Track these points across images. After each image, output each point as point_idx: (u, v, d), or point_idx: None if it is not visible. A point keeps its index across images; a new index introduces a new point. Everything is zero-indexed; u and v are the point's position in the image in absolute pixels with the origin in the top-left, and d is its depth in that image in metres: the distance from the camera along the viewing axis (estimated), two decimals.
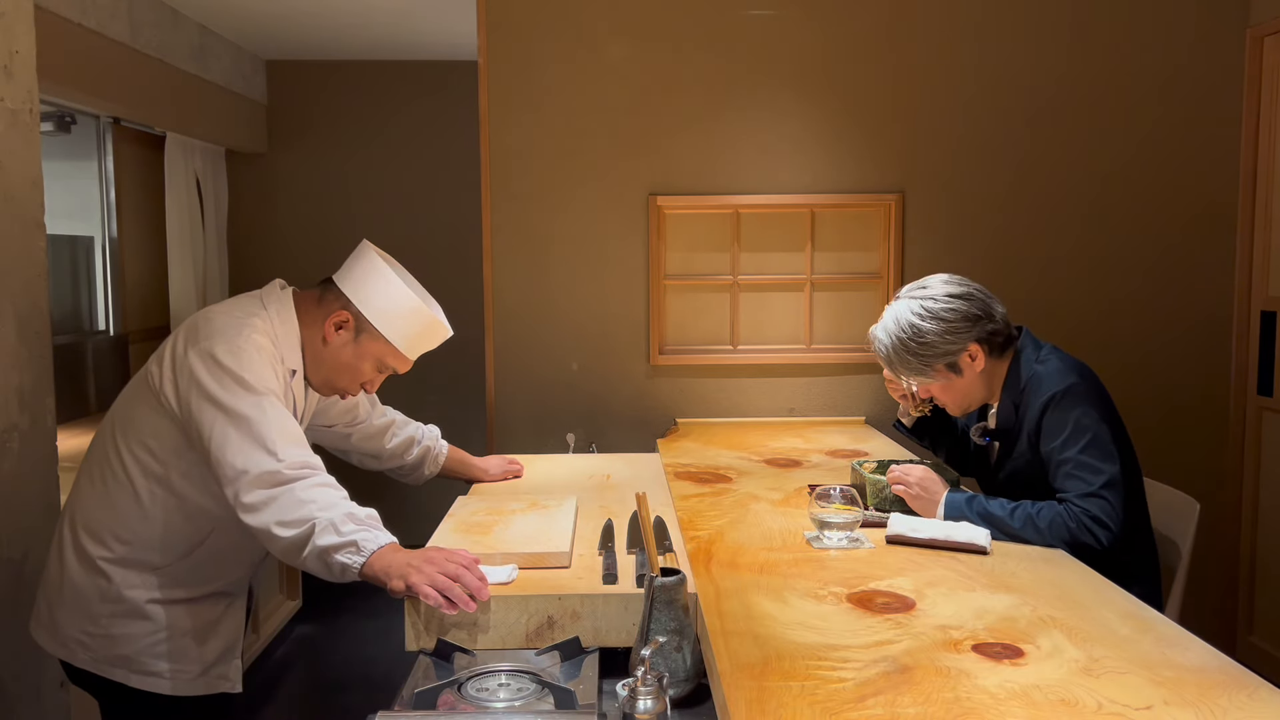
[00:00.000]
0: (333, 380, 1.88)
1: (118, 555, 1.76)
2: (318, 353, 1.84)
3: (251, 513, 1.61)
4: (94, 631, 1.76)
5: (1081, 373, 2.03)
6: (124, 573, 1.76)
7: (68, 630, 1.77)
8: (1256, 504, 3.34)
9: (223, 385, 1.66)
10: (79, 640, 1.77)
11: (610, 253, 3.38)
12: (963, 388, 2.11)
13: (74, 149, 3.90)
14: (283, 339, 1.80)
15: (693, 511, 2.13)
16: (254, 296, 1.86)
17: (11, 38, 2.13)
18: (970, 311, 2.05)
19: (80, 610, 1.76)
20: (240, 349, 1.69)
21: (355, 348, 1.83)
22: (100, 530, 1.76)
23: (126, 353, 4.06)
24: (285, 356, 1.80)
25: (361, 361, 1.85)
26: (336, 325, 1.82)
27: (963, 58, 3.33)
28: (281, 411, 1.69)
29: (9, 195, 2.14)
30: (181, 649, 1.80)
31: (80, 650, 1.77)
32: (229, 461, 1.63)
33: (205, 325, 1.75)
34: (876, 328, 2.16)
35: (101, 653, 1.76)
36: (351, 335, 1.83)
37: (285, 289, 1.88)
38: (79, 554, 1.77)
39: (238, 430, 1.64)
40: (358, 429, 2.16)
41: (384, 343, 1.83)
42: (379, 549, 1.57)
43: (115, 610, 1.76)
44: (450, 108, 4.92)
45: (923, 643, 1.43)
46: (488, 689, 1.45)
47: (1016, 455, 2.10)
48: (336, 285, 1.85)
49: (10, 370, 2.15)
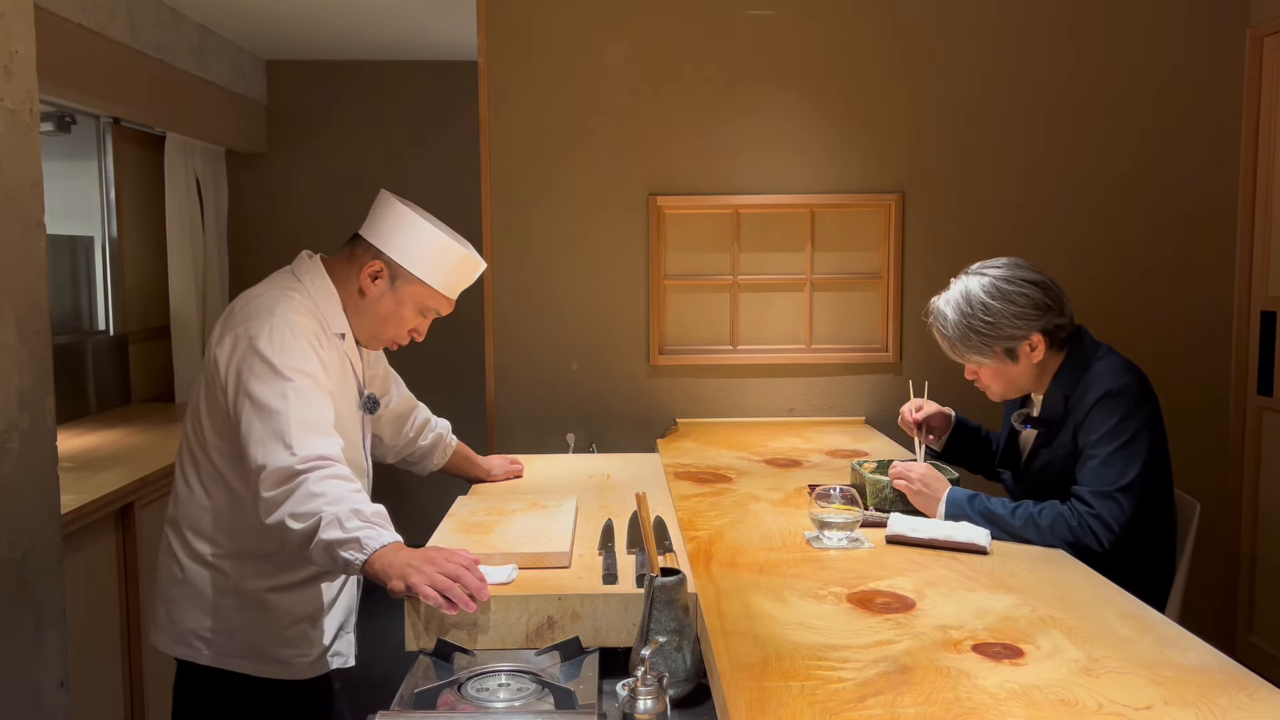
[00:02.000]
0: (378, 331, 1.90)
1: (228, 550, 1.80)
2: (358, 307, 1.87)
3: (270, 510, 1.63)
4: (216, 627, 1.80)
5: (1137, 374, 2.02)
6: (238, 565, 1.80)
7: (189, 628, 1.81)
8: (1256, 504, 3.33)
9: (253, 371, 1.69)
10: (202, 637, 1.80)
11: (610, 253, 3.37)
12: (1013, 376, 2.09)
13: (74, 149, 3.90)
14: (323, 305, 1.84)
15: (693, 511, 2.13)
16: (286, 272, 1.89)
17: (11, 38, 2.12)
18: (1042, 300, 2.03)
19: (200, 607, 1.80)
20: (274, 329, 1.72)
21: (393, 295, 1.86)
22: (207, 529, 1.80)
23: (126, 353, 4.05)
24: (329, 322, 1.83)
25: (402, 308, 1.87)
26: (372, 276, 1.85)
27: (963, 58, 3.33)
28: (307, 396, 1.70)
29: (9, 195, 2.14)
30: (302, 633, 1.84)
31: (204, 647, 1.80)
32: (252, 455, 1.66)
33: (242, 310, 1.79)
34: (940, 300, 2.11)
35: (226, 647, 1.80)
36: (388, 283, 1.85)
37: (314, 256, 1.91)
38: (191, 554, 1.81)
39: (261, 422, 1.66)
40: (388, 408, 2.17)
41: (420, 285, 1.85)
42: (381, 548, 1.57)
43: (235, 603, 1.80)
44: (450, 108, 4.91)
45: (923, 643, 1.43)
46: (488, 689, 1.45)
47: (1057, 446, 2.07)
48: (364, 239, 1.87)
49: (10, 370, 2.15)
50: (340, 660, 1.93)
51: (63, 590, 2.07)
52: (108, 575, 2.73)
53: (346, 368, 1.89)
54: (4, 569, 2.14)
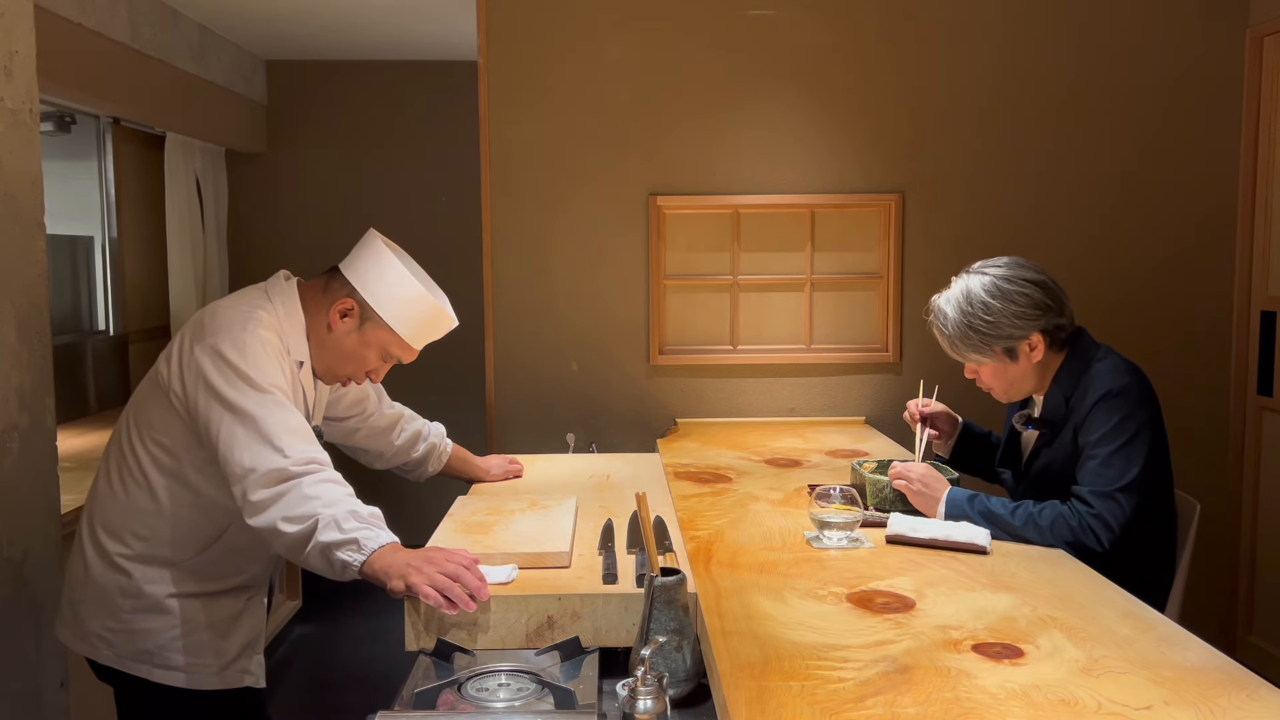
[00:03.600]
0: (336, 368, 1.88)
1: (136, 552, 1.78)
2: (322, 339, 1.84)
3: (258, 511, 1.62)
4: (116, 627, 1.78)
5: (1137, 375, 2.02)
6: (144, 569, 1.78)
7: (91, 627, 1.80)
8: (1256, 504, 3.33)
9: (229, 382, 1.67)
10: (102, 637, 1.79)
11: (610, 253, 3.38)
12: (1014, 375, 2.09)
13: (74, 149, 3.90)
14: (288, 330, 1.81)
15: (693, 511, 2.13)
16: (259, 289, 1.86)
17: (11, 38, 2.12)
18: (1043, 300, 2.03)
19: (103, 607, 1.78)
20: (245, 344, 1.70)
21: (360, 335, 1.84)
22: (119, 528, 1.78)
23: (126, 353, 4.06)
24: (291, 348, 1.81)
25: (366, 350, 1.85)
26: (341, 313, 1.82)
27: (963, 58, 3.33)
28: (287, 407, 1.69)
29: (9, 195, 2.14)
30: (202, 643, 1.81)
31: (104, 646, 1.79)
32: (236, 459, 1.64)
33: (211, 321, 1.76)
34: (940, 299, 2.11)
35: (124, 648, 1.78)
36: (356, 323, 1.83)
37: (290, 279, 1.88)
38: (99, 552, 1.79)
39: (244, 428, 1.64)
40: (367, 423, 2.16)
41: (388, 331, 1.83)
42: (380, 548, 1.57)
43: (136, 606, 1.78)
44: (450, 108, 4.91)
45: (923, 643, 1.43)
46: (488, 689, 1.45)
47: (1058, 446, 2.07)
48: (342, 273, 1.85)
49: (10, 370, 2.15)
50: (251, 679, 1.88)
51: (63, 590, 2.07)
52: None
53: (299, 396, 1.84)
54: (4, 569, 2.14)
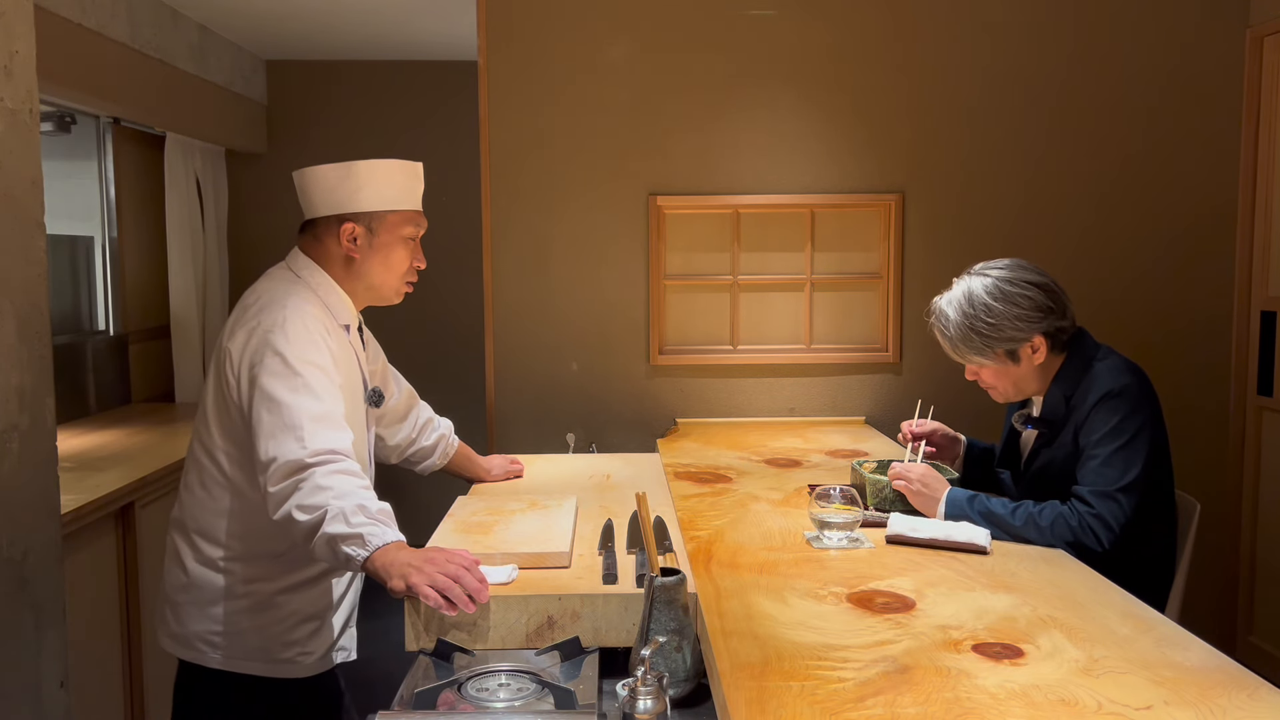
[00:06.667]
0: (387, 284, 1.92)
1: (236, 552, 1.80)
2: (355, 274, 1.89)
3: (277, 505, 1.64)
4: (224, 630, 1.80)
5: (1138, 375, 2.03)
6: (249, 567, 1.80)
7: (195, 631, 1.81)
8: (1256, 504, 3.33)
9: (267, 366, 1.70)
10: (209, 641, 1.81)
11: (610, 253, 3.37)
12: (1016, 377, 2.09)
13: (74, 149, 3.90)
14: (325, 295, 1.86)
15: (693, 511, 2.13)
16: (283, 267, 1.91)
17: (11, 38, 2.12)
18: (1045, 302, 2.03)
19: (207, 611, 1.80)
20: (288, 321, 1.74)
21: (377, 239, 1.88)
22: (214, 532, 1.80)
23: (126, 353, 4.05)
24: (335, 313, 1.85)
25: (391, 249, 1.89)
26: (350, 239, 1.87)
27: (963, 58, 3.33)
28: (321, 389, 1.71)
29: (9, 195, 2.14)
30: (310, 631, 1.85)
31: (210, 650, 1.81)
32: (262, 448, 1.67)
33: (254, 304, 1.80)
34: (942, 300, 2.11)
35: (233, 649, 1.80)
36: (367, 234, 1.87)
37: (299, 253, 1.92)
38: (199, 558, 1.81)
39: (271, 415, 1.67)
40: (387, 409, 2.17)
41: (391, 215, 1.88)
42: (383, 546, 1.57)
43: (243, 605, 1.80)
44: (450, 108, 4.91)
45: (923, 643, 1.43)
46: (488, 689, 1.45)
47: (1058, 446, 2.07)
48: (318, 219, 1.89)
49: (10, 370, 2.15)
50: (344, 655, 1.94)
51: (63, 590, 2.07)
52: (108, 575, 2.73)
53: (353, 360, 1.90)
54: (4, 569, 2.14)
